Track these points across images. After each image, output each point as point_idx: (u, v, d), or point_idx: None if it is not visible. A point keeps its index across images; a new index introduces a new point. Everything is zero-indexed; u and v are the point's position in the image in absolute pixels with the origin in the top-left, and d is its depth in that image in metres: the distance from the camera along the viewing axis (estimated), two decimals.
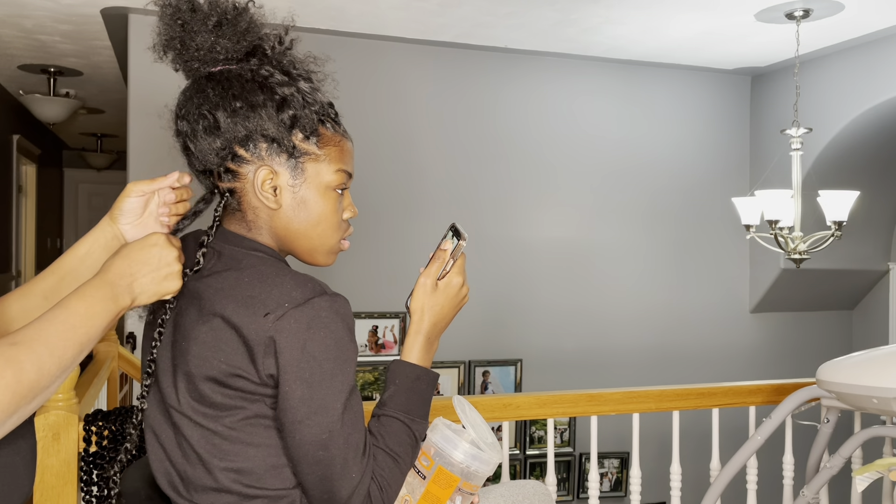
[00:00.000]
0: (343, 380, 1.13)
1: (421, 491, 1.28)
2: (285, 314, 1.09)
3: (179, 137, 1.21)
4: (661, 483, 3.87)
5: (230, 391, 1.11)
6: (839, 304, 5.04)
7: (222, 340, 1.10)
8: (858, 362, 2.33)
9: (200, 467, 1.14)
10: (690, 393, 2.63)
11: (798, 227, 3.49)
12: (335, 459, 1.12)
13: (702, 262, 4.69)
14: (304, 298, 1.11)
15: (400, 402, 1.26)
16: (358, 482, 1.14)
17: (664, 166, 4.61)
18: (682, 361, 4.63)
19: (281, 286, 1.12)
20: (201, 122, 1.17)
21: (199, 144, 1.18)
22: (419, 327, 1.30)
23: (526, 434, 4.29)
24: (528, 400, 2.46)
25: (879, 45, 3.93)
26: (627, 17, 3.69)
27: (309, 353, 1.10)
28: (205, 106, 1.17)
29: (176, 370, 1.16)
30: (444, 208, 4.20)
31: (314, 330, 1.10)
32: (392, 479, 1.20)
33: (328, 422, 1.12)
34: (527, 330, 4.35)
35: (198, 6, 1.19)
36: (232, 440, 1.13)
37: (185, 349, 1.14)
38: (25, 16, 3.80)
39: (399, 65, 4.12)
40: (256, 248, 1.19)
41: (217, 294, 1.13)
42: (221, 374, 1.11)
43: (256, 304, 1.10)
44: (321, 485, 1.14)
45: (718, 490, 2.55)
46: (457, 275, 1.31)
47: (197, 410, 1.13)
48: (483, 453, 1.29)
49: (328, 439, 1.12)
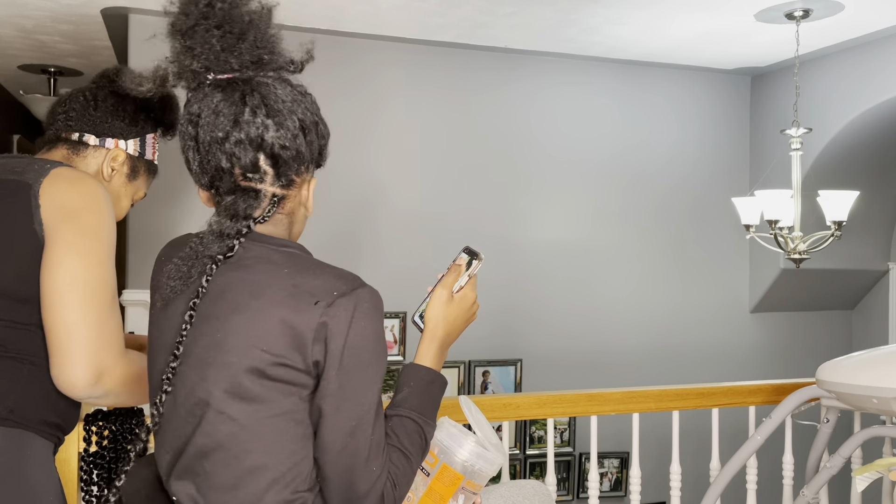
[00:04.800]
0: (377, 371, 1.17)
1: (424, 488, 1.28)
2: (334, 302, 1.13)
3: (250, 142, 1.20)
4: (661, 483, 3.87)
5: (269, 382, 1.12)
6: (839, 304, 5.04)
7: (266, 330, 1.12)
8: (858, 362, 2.33)
9: (222, 462, 1.14)
10: (690, 393, 2.63)
11: (798, 227, 3.49)
12: (360, 449, 1.15)
13: (702, 262, 4.69)
14: (349, 288, 1.15)
15: (414, 404, 1.29)
16: (377, 477, 1.17)
17: (664, 166, 4.61)
18: (682, 361, 4.63)
19: (324, 276, 1.15)
20: (290, 125, 1.21)
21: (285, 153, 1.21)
22: (434, 335, 1.35)
23: (526, 434, 4.29)
24: (528, 400, 2.47)
25: (879, 45, 3.93)
26: (627, 17, 3.69)
27: (351, 342, 1.13)
28: (293, 111, 1.22)
29: (208, 363, 1.15)
30: (444, 208, 4.20)
31: (358, 319, 1.14)
32: (404, 477, 1.23)
33: (360, 411, 1.15)
34: (527, 330, 4.34)
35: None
36: (259, 436, 1.13)
37: (220, 341, 1.14)
38: (25, 16, 3.80)
39: (399, 65, 4.12)
40: (286, 244, 1.22)
41: (253, 286, 1.15)
42: (264, 364, 1.12)
43: (303, 294, 1.13)
44: (344, 476, 1.16)
45: (718, 490, 2.55)
46: (471, 290, 1.38)
47: (230, 404, 1.13)
48: (488, 453, 1.30)
49: (357, 427, 1.15)
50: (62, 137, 1.60)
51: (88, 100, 1.61)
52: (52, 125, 1.62)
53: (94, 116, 1.60)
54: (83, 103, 1.61)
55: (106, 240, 1.42)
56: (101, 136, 1.60)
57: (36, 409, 1.41)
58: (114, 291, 1.42)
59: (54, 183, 1.43)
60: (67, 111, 1.61)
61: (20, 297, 1.39)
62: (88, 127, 1.59)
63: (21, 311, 1.40)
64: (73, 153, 1.59)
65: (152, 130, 1.67)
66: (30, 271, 1.39)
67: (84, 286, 1.36)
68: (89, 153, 1.60)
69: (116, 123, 1.61)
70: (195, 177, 1.25)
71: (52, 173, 1.44)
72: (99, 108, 1.60)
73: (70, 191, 1.43)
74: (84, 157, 1.60)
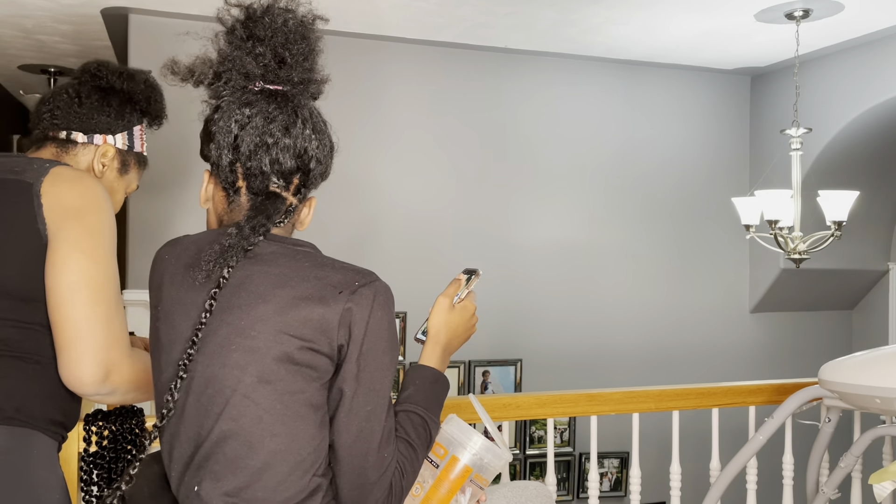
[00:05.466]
0: (392, 359, 1.24)
1: (433, 480, 1.31)
2: (357, 290, 1.21)
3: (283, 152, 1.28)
4: (661, 483, 3.87)
5: (295, 367, 1.18)
6: (839, 304, 5.04)
7: (293, 316, 1.18)
8: (861, 362, 2.33)
9: (245, 447, 1.17)
10: (690, 393, 2.63)
11: (798, 227, 3.49)
12: (374, 434, 1.21)
13: (702, 262, 4.69)
14: (367, 280, 1.24)
15: (419, 400, 1.35)
16: (388, 464, 1.23)
17: (664, 166, 4.61)
18: (682, 361, 4.63)
19: (342, 270, 1.24)
20: (326, 142, 1.32)
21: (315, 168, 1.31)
22: (437, 339, 1.42)
23: (526, 434, 4.28)
24: (529, 400, 2.47)
25: (879, 45, 3.93)
26: (627, 17, 3.69)
27: (372, 329, 1.21)
28: (325, 131, 1.33)
29: (231, 349, 1.19)
30: (444, 207, 4.20)
31: (377, 309, 1.22)
32: (411, 467, 1.28)
33: (376, 397, 1.22)
34: (527, 330, 4.34)
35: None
36: (283, 420, 1.18)
37: (245, 328, 1.19)
38: (25, 16, 3.80)
39: (399, 65, 4.12)
40: (301, 243, 1.29)
41: (276, 277, 1.21)
42: (292, 348, 1.17)
43: (326, 285, 1.20)
44: (357, 461, 1.21)
45: (720, 490, 2.56)
46: (471, 302, 1.46)
47: (256, 388, 1.17)
48: (496, 447, 1.33)
49: (372, 412, 1.21)
50: (49, 136, 1.60)
51: (72, 97, 1.61)
52: (39, 124, 1.61)
53: (80, 113, 1.60)
54: (67, 100, 1.60)
55: (109, 238, 1.43)
56: (88, 132, 1.60)
57: (42, 407, 1.42)
58: (118, 289, 1.43)
59: (55, 182, 1.43)
60: (52, 109, 1.60)
61: (24, 296, 1.40)
62: (75, 124, 1.59)
63: (25, 310, 1.40)
64: (63, 151, 1.59)
65: (138, 122, 1.67)
66: (34, 271, 1.39)
67: (90, 284, 1.36)
68: (78, 151, 1.60)
69: (102, 119, 1.61)
70: (221, 174, 1.29)
71: (52, 172, 1.44)
72: (84, 105, 1.60)
73: (72, 190, 1.43)
74: (74, 155, 1.60)
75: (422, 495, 1.32)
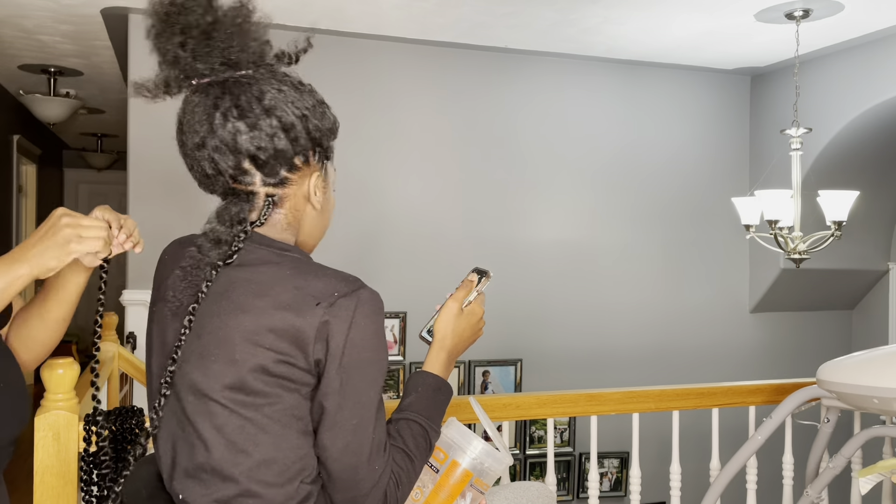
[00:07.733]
0: (378, 370, 1.19)
1: (433, 485, 1.29)
2: (336, 302, 1.14)
3: (218, 143, 1.17)
4: (661, 483, 3.87)
5: (272, 378, 1.14)
6: (839, 304, 5.04)
7: (269, 328, 1.13)
8: (859, 362, 2.33)
9: (230, 456, 1.15)
10: (690, 393, 2.63)
11: (798, 227, 3.49)
12: (363, 448, 1.18)
13: (702, 262, 4.69)
14: (350, 289, 1.16)
15: (420, 408, 1.32)
16: (380, 475, 1.20)
17: (664, 166, 4.61)
18: (682, 361, 4.63)
19: (325, 279, 1.17)
20: (264, 125, 1.16)
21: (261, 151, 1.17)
22: (443, 345, 1.39)
23: (526, 434, 4.29)
24: (529, 400, 2.46)
25: (879, 45, 3.93)
26: (627, 17, 3.69)
27: (352, 341, 1.15)
28: (271, 109, 1.16)
29: (211, 359, 1.16)
30: (444, 207, 4.20)
31: (358, 319, 1.15)
32: (407, 477, 1.25)
33: (361, 410, 1.17)
34: (527, 330, 4.35)
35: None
36: (265, 429, 1.15)
37: (224, 338, 1.15)
38: (25, 16, 3.80)
39: (399, 65, 4.12)
40: (287, 248, 1.22)
41: (257, 286, 1.16)
42: (268, 361, 1.13)
43: (305, 295, 1.14)
44: (347, 474, 1.18)
45: (719, 490, 2.55)
46: (479, 306, 1.42)
47: (235, 399, 1.15)
48: (497, 451, 1.31)
49: (358, 425, 1.17)
50: None
51: None
52: None
53: None
54: None
55: None
56: None
57: (9, 429, 1.34)
58: None
59: None
60: None
61: None
62: None
63: None
64: None
65: None
66: None
67: None
68: None
69: None
70: (196, 182, 1.25)
71: None
72: None
73: None
74: None
75: (422, 500, 1.30)
